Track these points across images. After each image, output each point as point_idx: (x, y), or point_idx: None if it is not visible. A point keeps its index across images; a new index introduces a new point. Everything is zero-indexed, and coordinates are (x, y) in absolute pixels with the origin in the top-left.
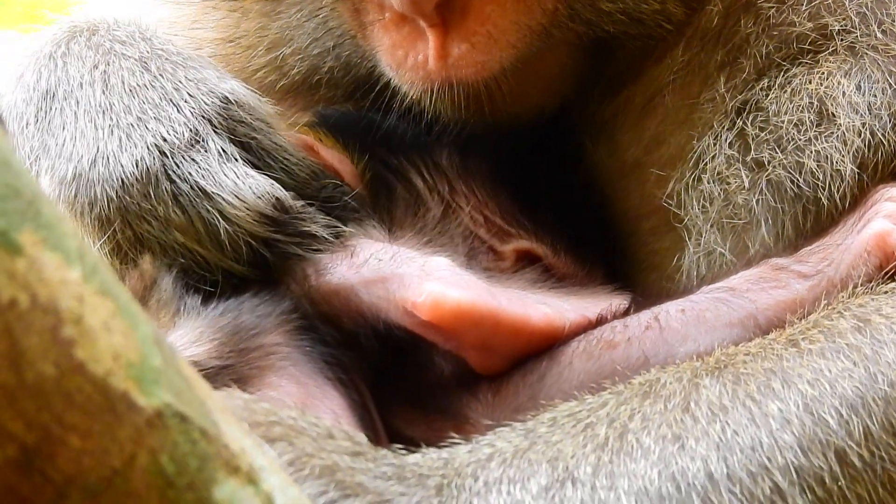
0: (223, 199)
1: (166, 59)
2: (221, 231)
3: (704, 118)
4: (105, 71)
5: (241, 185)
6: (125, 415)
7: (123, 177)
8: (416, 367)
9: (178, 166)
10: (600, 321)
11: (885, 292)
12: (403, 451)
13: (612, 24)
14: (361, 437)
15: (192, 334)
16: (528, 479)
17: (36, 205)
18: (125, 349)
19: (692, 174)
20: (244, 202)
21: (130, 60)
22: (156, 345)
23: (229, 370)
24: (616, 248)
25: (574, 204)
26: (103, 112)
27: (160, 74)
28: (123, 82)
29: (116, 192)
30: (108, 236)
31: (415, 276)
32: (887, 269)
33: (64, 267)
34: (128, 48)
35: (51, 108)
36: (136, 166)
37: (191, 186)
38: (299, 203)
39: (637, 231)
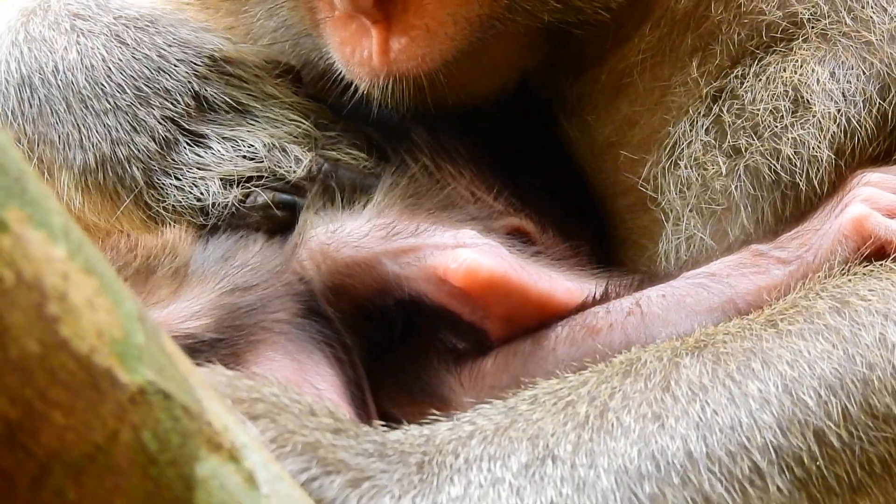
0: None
1: (136, 27)
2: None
3: (678, 102)
4: (80, 52)
5: (275, 131)
6: (108, 391)
7: (147, 151)
8: (407, 348)
9: (197, 127)
10: (585, 304)
11: (863, 274)
12: (385, 428)
13: (550, 14)
14: (343, 414)
15: (191, 308)
16: (508, 456)
17: (22, 182)
18: (109, 326)
19: (668, 159)
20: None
21: (102, 37)
22: (139, 322)
23: (224, 343)
24: (597, 225)
25: (556, 179)
26: (96, 97)
27: (138, 45)
28: (104, 61)
29: (144, 163)
30: (143, 204)
31: (448, 244)
32: (863, 250)
33: (49, 244)
34: (91, 23)
35: (33, 98)
36: (155, 140)
37: (219, 137)
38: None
39: (614, 209)
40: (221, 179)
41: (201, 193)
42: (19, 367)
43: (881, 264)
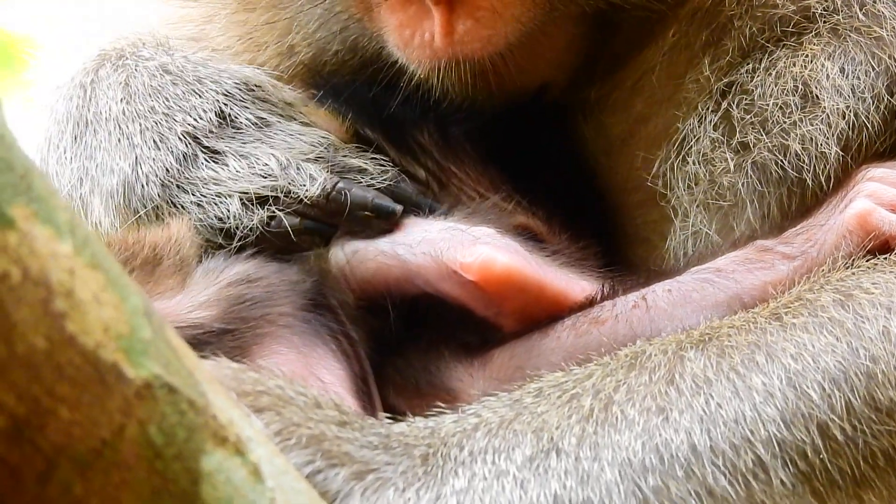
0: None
1: (187, 60)
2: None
3: (689, 98)
4: (127, 81)
5: (293, 142)
6: (114, 386)
7: (166, 167)
8: (414, 341)
9: (215, 143)
10: (593, 302)
11: (867, 267)
12: (390, 421)
13: None
14: (348, 407)
15: (199, 298)
16: (512, 449)
17: (28, 178)
18: (115, 321)
19: (677, 155)
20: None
21: (152, 64)
22: (145, 316)
23: (231, 335)
24: (607, 222)
25: (561, 177)
26: (131, 119)
27: (181, 73)
28: (144, 85)
29: (162, 181)
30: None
31: (465, 240)
32: (866, 245)
33: (55, 240)
34: (150, 62)
35: (84, 133)
36: (173, 154)
37: (236, 155)
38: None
39: (624, 205)
40: (240, 198)
41: (222, 213)
42: (26, 363)
43: (885, 258)
